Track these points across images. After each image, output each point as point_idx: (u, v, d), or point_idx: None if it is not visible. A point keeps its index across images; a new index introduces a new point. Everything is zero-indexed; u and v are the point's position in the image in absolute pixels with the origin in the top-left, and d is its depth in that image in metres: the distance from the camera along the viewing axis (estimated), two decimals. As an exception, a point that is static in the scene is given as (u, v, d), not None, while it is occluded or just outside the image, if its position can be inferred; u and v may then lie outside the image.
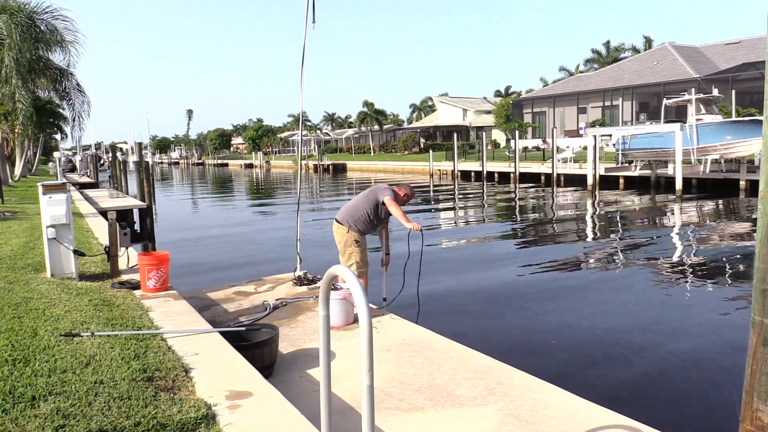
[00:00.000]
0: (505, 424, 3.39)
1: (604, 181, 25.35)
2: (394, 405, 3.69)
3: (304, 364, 4.42)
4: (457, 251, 12.40)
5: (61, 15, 19.68)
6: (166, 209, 23.75)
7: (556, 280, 9.35)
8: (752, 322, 2.88)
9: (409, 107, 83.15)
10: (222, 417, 2.93)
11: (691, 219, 16.29)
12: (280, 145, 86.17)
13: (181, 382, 3.36)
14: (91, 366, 3.51)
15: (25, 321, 4.42)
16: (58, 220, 6.17)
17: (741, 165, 21.42)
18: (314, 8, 6.47)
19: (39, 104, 26.52)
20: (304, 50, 6.80)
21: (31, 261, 7.01)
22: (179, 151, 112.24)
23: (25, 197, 18.29)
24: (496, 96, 61.07)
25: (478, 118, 57.30)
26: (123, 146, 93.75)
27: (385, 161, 49.86)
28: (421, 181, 35.80)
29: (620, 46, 54.41)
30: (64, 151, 46.29)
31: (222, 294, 6.47)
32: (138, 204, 16.30)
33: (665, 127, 23.16)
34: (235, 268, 10.66)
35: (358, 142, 68.28)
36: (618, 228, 14.96)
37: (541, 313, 7.50)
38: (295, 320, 5.50)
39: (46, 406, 2.92)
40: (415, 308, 6.70)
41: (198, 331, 4.39)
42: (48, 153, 63.03)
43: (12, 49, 17.17)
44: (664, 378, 5.47)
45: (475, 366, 4.27)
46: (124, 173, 25.87)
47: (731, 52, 40.34)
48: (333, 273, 2.19)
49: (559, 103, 46.07)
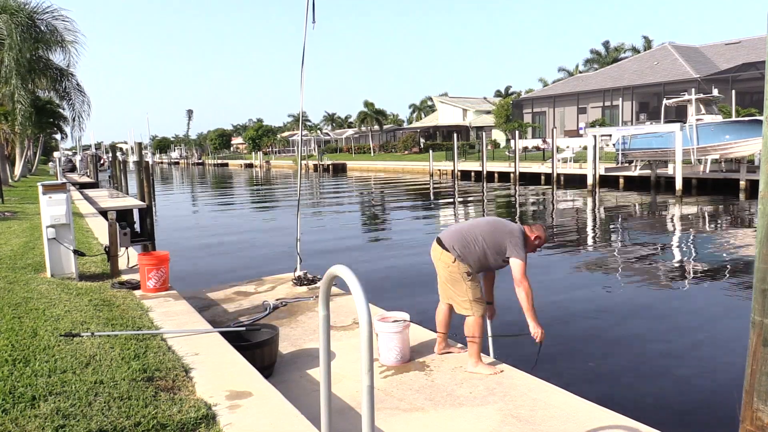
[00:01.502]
0: (505, 424, 3.39)
1: (604, 181, 25.35)
2: (394, 405, 3.69)
3: (304, 364, 4.42)
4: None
5: (61, 15, 19.70)
6: (166, 209, 23.75)
7: (556, 279, 9.35)
8: (752, 322, 2.88)
9: (409, 107, 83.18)
10: (222, 417, 2.93)
11: (690, 219, 16.29)
12: (280, 145, 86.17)
13: (181, 382, 3.36)
14: (91, 366, 3.51)
15: (25, 321, 4.42)
16: (58, 220, 6.17)
17: (741, 165, 21.42)
18: (314, 8, 6.47)
19: (39, 104, 26.52)
20: (304, 50, 6.80)
21: (31, 261, 7.01)
22: (179, 151, 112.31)
23: (25, 197, 18.29)
24: (496, 96, 61.06)
25: (478, 118, 57.30)
26: (123, 146, 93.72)
27: (385, 161, 49.85)
28: (421, 181, 35.80)
29: (620, 46, 54.45)
30: (64, 151, 46.28)
31: (222, 294, 6.47)
32: (138, 204, 16.29)
33: (665, 127, 23.17)
34: (235, 268, 10.67)
35: (358, 142, 68.27)
36: (617, 227, 14.95)
37: (539, 311, 7.49)
38: (295, 320, 5.50)
39: (46, 406, 2.92)
40: (415, 309, 6.69)
41: (198, 331, 4.39)
42: (48, 153, 63.01)
43: (12, 49, 17.18)
44: (664, 378, 5.46)
45: (475, 366, 4.26)
46: (124, 173, 25.86)
47: (731, 52, 40.34)
48: (333, 273, 2.19)
49: (559, 103, 46.06)
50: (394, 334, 4.31)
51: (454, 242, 4.19)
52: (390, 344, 4.31)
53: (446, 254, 4.19)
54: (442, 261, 4.22)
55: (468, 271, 4.14)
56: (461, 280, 4.14)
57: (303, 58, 6.85)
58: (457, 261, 4.14)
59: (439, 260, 4.25)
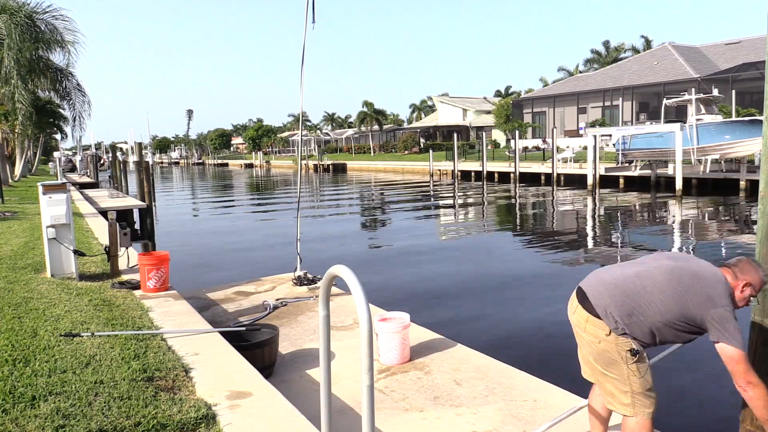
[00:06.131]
0: (505, 424, 3.39)
1: (604, 181, 25.35)
2: (394, 405, 3.69)
3: (304, 364, 4.42)
4: (457, 251, 12.39)
5: (60, 15, 19.68)
6: (166, 209, 23.75)
7: (556, 279, 9.35)
8: (752, 322, 2.89)
9: (409, 107, 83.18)
10: (222, 417, 2.93)
11: (690, 219, 16.29)
12: (280, 145, 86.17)
13: (181, 382, 3.36)
14: (91, 366, 3.51)
15: (25, 321, 4.42)
16: (58, 220, 6.17)
17: (741, 165, 21.43)
18: (314, 8, 6.47)
19: (39, 104, 26.50)
20: (304, 50, 6.80)
21: (31, 261, 7.01)
22: (179, 151, 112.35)
23: (25, 197, 18.29)
24: (496, 96, 61.09)
25: (478, 118, 57.31)
26: (123, 146, 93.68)
27: (385, 161, 49.85)
28: (421, 181, 35.80)
29: (620, 46, 54.42)
30: (64, 151, 46.28)
31: (222, 294, 6.47)
32: (138, 204, 16.29)
33: (665, 127, 23.17)
34: (235, 268, 10.67)
35: (358, 142, 68.26)
36: (618, 227, 14.95)
37: (541, 312, 7.50)
38: (295, 320, 5.50)
39: (46, 406, 2.92)
40: (415, 309, 6.69)
41: (198, 331, 4.38)
42: (48, 153, 63.02)
43: (12, 49, 17.18)
44: (664, 378, 5.46)
45: (475, 366, 4.27)
46: (124, 173, 25.84)
47: (731, 52, 40.34)
48: (333, 273, 2.18)
49: (559, 103, 46.05)
50: (394, 334, 4.30)
51: (610, 305, 2.62)
52: (390, 344, 4.31)
53: (596, 322, 2.64)
54: (589, 333, 2.68)
55: (632, 349, 2.59)
56: (620, 362, 2.62)
57: (303, 57, 6.86)
58: (613, 334, 2.60)
59: (584, 330, 2.70)
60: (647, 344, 2.63)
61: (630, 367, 2.59)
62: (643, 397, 2.61)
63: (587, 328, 2.67)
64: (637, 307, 2.58)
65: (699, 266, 2.62)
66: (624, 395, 2.63)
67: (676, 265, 2.63)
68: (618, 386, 2.64)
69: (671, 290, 2.55)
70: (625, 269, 2.71)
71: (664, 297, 2.56)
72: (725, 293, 2.53)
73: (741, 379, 2.47)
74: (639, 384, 2.60)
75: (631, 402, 2.61)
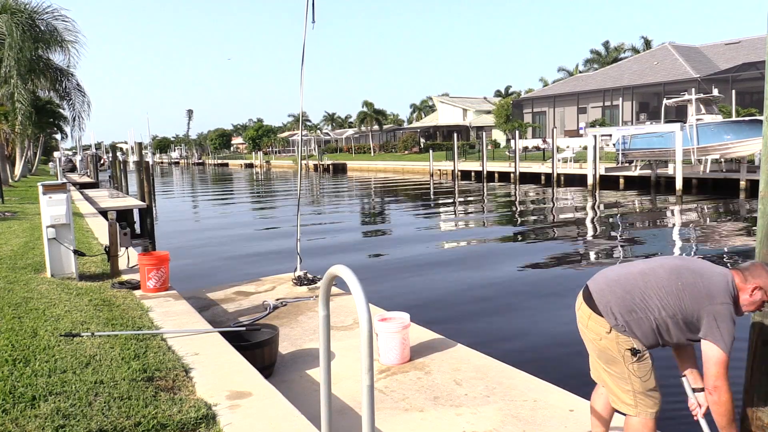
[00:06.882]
0: (505, 424, 3.39)
1: (604, 181, 25.34)
2: (394, 405, 3.69)
3: (304, 364, 4.42)
4: (457, 251, 12.39)
5: (61, 15, 19.70)
6: (166, 209, 23.75)
7: (556, 279, 9.35)
8: (752, 322, 2.89)
9: (409, 107, 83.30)
10: (222, 417, 2.93)
11: (691, 219, 16.28)
12: (281, 145, 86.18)
13: (181, 382, 3.36)
14: (91, 366, 3.51)
15: (25, 321, 4.42)
16: (58, 220, 6.17)
17: (741, 165, 21.42)
18: (314, 8, 6.47)
19: (39, 104, 26.52)
20: (304, 50, 6.80)
21: (31, 261, 7.01)
22: (179, 151, 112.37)
23: (25, 197, 18.28)
24: (496, 96, 61.07)
25: (478, 118, 57.31)
26: (123, 146, 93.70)
27: (385, 161, 49.85)
28: (421, 181, 35.79)
29: (620, 46, 54.43)
30: (64, 151, 46.30)
31: (222, 294, 6.47)
32: (138, 204, 16.29)
33: (665, 127, 23.17)
34: (235, 268, 10.67)
35: (358, 142, 68.26)
36: (618, 227, 14.95)
37: (541, 312, 7.49)
38: (295, 320, 5.50)
39: (46, 406, 2.92)
40: (415, 309, 6.69)
41: (198, 331, 4.38)
42: (48, 153, 62.98)
43: (12, 49, 17.18)
44: (663, 378, 5.46)
45: (475, 366, 4.27)
46: (124, 173, 25.84)
47: (731, 52, 40.34)
48: (333, 273, 2.18)
49: (559, 103, 46.05)
50: (394, 334, 4.30)
51: (611, 302, 2.63)
52: (390, 344, 4.31)
53: (598, 319, 2.66)
54: (591, 330, 2.70)
55: (633, 349, 2.60)
56: (621, 360, 2.63)
57: (303, 57, 6.86)
58: (614, 332, 2.61)
59: (587, 327, 2.73)
60: (650, 344, 2.63)
61: (630, 366, 2.61)
62: (646, 397, 2.64)
63: (589, 324, 2.70)
64: (638, 304, 2.59)
65: (702, 265, 2.64)
66: (626, 394, 2.66)
67: (679, 264, 2.66)
68: (620, 385, 2.67)
69: (671, 286, 2.57)
70: (630, 268, 2.73)
71: (663, 293, 2.57)
72: (726, 292, 2.53)
73: (712, 381, 2.51)
74: (640, 384, 2.62)
75: (633, 401, 2.65)
